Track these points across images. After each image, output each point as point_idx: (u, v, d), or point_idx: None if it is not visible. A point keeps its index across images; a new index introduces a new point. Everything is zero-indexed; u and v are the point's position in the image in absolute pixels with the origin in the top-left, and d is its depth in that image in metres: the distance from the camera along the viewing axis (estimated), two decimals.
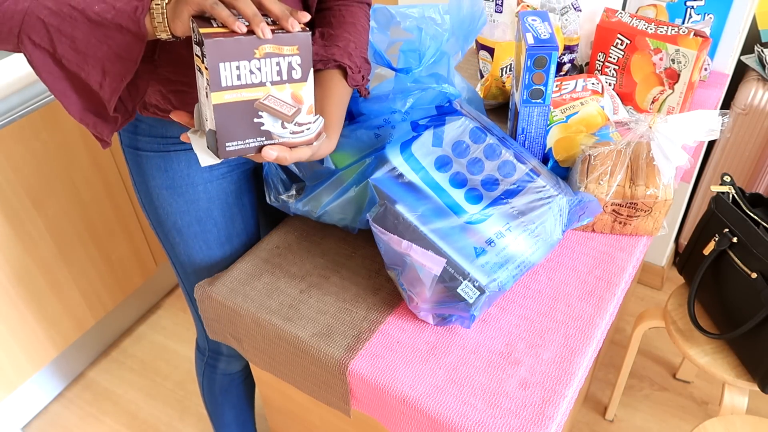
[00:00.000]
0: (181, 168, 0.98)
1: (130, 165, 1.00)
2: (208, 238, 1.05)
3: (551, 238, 0.88)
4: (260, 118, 0.71)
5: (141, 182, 1.00)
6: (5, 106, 1.40)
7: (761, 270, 1.16)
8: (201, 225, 1.03)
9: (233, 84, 0.68)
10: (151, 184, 0.99)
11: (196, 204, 1.01)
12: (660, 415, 1.72)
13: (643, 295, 2.07)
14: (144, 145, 0.96)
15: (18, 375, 1.62)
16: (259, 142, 0.73)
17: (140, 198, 1.03)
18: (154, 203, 1.01)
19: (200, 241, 1.05)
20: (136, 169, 0.99)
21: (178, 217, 1.02)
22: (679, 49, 1.16)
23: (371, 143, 0.95)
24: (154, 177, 0.98)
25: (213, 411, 1.36)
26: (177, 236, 1.04)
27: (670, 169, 0.94)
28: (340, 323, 0.90)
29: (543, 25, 0.98)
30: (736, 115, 1.69)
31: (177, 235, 1.04)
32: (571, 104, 1.08)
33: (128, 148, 0.98)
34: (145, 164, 0.98)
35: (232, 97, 0.69)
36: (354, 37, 0.90)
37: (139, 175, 1.00)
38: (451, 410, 0.79)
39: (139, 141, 0.96)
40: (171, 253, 1.08)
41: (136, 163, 0.99)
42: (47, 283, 1.60)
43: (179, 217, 1.02)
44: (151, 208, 1.02)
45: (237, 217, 1.06)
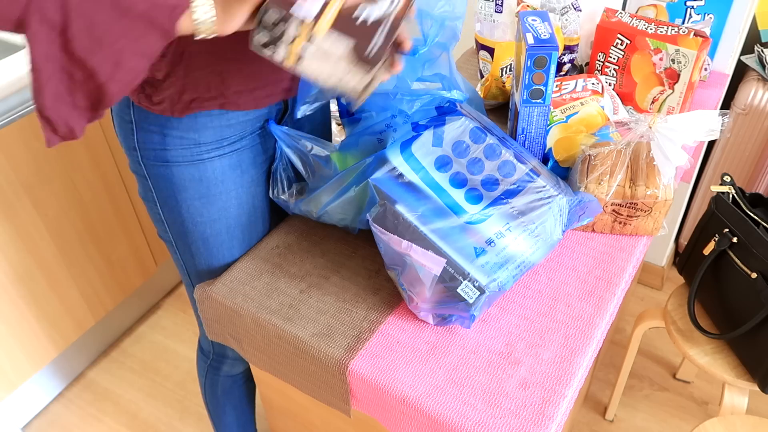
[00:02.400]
0: (216, 176, 0.94)
1: (154, 180, 0.95)
2: (233, 244, 1.02)
3: (551, 238, 0.88)
4: (359, 15, 0.70)
5: (168, 196, 0.95)
6: (5, 106, 1.40)
7: (761, 270, 1.16)
8: (229, 233, 1.01)
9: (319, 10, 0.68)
10: (182, 196, 0.95)
11: (226, 212, 0.98)
12: (660, 415, 1.72)
13: (643, 295, 2.07)
14: (175, 156, 0.91)
15: (18, 375, 1.62)
16: (380, 32, 0.71)
17: (161, 212, 0.99)
18: (182, 215, 0.97)
19: (225, 249, 1.02)
20: (163, 183, 0.94)
21: (207, 227, 0.98)
22: (679, 49, 1.16)
23: (375, 148, 0.95)
24: (186, 188, 0.94)
25: (214, 412, 1.35)
26: (202, 246, 1.01)
27: (670, 169, 0.94)
28: (340, 323, 0.90)
29: (543, 25, 0.98)
30: (736, 115, 1.69)
31: (202, 245, 1.01)
32: (571, 104, 1.08)
33: (153, 163, 0.93)
34: (176, 176, 0.93)
35: (330, 19, 0.68)
36: None
37: (166, 189, 0.95)
38: (451, 410, 0.79)
39: (169, 153, 0.91)
40: (188, 263, 1.05)
41: (163, 177, 0.94)
42: (47, 283, 1.60)
43: (208, 226, 0.98)
44: (176, 220, 0.98)
45: (259, 220, 1.05)
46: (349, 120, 1.03)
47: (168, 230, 1.01)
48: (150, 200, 0.99)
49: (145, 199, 1.00)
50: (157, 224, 1.03)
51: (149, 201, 0.99)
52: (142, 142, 0.91)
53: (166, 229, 1.01)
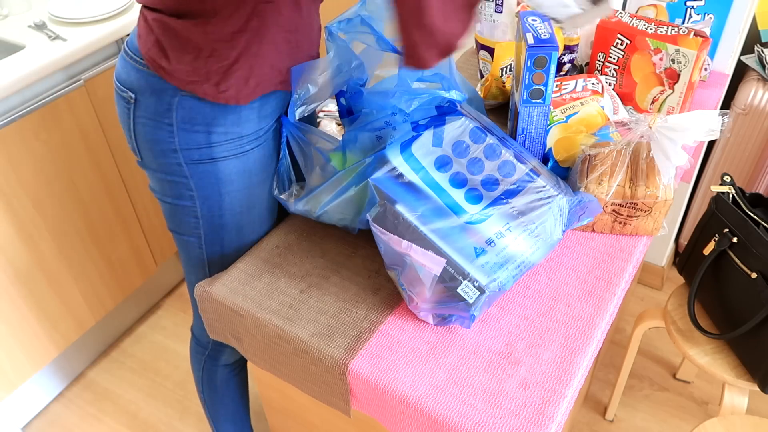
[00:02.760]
0: (257, 165, 0.98)
1: (197, 179, 0.96)
2: (261, 227, 1.06)
3: (551, 238, 0.88)
4: None
5: (212, 191, 0.97)
6: (5, 106, 1.40)
7: (761, 270, 1.16)
8: (260, 217, 1.04)
9: None
10: (227, 189, 0.97)
11: (260, 198, 1.02)
12: (660, 415, 1.72)
13: (643, 295, 2.07)
14: (220, 152, 0.94)
15: (18, 375, 1.62)
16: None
17: (200, 209, 0.99)
18: (222, 208, 0.99)
19: (254, 234, 1.05)
20: (207, 180, 0.96)
21: (243, 216, 1.02)
22: (679, 49, 1.16)
23: (373, 146, 0.95)
24: (232, 182, 0.97)
25: (212, 406, 1.35)
26: (235, 235, 1.03)
27: (671, 169, 0.94)
28: (340, 323, 0.90)
29: (543, 25, 0.98)
30: (736, 115, 1.69)
31: (235, 235, 1.03)
32: (571, 104, 1.08)
33: (197, 161, 0.94)
34: (222, 171, 0.95)
35: None
36: None
37: (211, 185, 0.97)
38: (451, 410, 0.79)
39: (215, 149, 0.93)
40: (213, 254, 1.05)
41: (209, 173, 0.95)
42: (47, 283, 1.60)
43: (245, 215, 1.01)
44: (215, 214, 1.00)
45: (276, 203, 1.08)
46: (350, 120, 1.03)
47: (201, 226, 1.02)
48: (185, 198, 0.99)
49: (178, 198, 0.99)
50: (184, 222, 1.02)
51: (183, 200, 0.99)
52: (184, 143, 0.92)
53: (199, 224, 1.02)
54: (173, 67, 0.87)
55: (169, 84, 0.89)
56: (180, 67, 0.87)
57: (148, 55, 0.89)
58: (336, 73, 0.98)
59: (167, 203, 1.02)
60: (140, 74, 0.91)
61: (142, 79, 0.90)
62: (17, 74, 1.38)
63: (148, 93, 0.91)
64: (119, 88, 0.94)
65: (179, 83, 0.88)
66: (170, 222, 1.05)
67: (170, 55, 0.87)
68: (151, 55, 0.88)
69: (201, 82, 0.88)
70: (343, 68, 0.98)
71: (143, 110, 0.92)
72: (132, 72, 0.92)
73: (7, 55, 1.52)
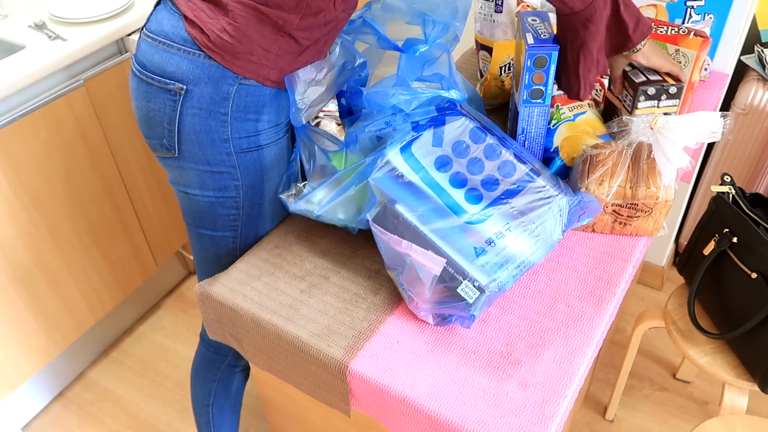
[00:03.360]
0: (288, 151, 1.02)
1: (244, 167, 0.98)
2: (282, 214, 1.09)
3: (551, 238, 0.88)
4: None
5: (257, 179, 1.00)
6: (5, 106, 1.40)
7: (761, 270, 1.16)
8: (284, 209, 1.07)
9: None
10: (268, 176, 1.00)
11: (288, 183, 1.04)
12: (660, 415, 1.72)
13: (643, 295, 2.07)
14: (265, 139, 0.97)
15: (18, 375, 1.62)
16: None
17: (243, 198, 1.01)
18: (264, 195, 1.02)
19: (279, 217, 1.08)
20: (253, 168, 0.98)
21: (277, 202, 1.05)
22: (679, 49, 1.16)
23: (373, 146, 0.95)
24: (273, 167, 1.00)
25: (221, 416, 1.31)
26: (269, 223, 1.06)
27: (671, 171, 0.94)
28: (340, 323, 0.90)
29: (543, 25, 0.98)
30: (736, 115, 1.69)
31: (270, 222, 1.06)
32: (578, 103, 1.08)
33: (246, 150, 0.96)
34: (266, 157, 0.98)
35: None
36: None
37: (256, 172, 0.99)
38: (451, 410, 0.79)
39: (261, 137, 0.96)
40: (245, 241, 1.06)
41: (255, 160, 0.98)
42: (47, 283, 1.60)
43: (276, 201, 1.05)
44: (256, 202, 1.02)
45: None
46: (350, 120, 1.03)
47: (241, 216, 1.03)
48: (230, 189, 0.99)
49: (222, 189, 0.99)
50: (222, 215, 1.02)
51: (228, 191, 0.99)
52: (236, 132, 0.94)
53: (239, 215, 1.03)
54: (248, 50, 0.89)
55: (230, 72, 0.89)
56: (256, 50, 0.89)
57: (213, 42, 0.88)
58: (340, 72, 0.98)
59: (206, 198, 1.00)
60: (194, 64, 0.89)
61: (198, 68, 0.90)
62: (17, 74, 1.38)
63: (203, 82, 0.90)
64: (160, 81, 0.92)
65: (244, 70, 0.90)
66: (201, 219, 1.03)
67: (249, 39, 0.88)
68: (218, 42, 0.88)
69: (270, 67, 0.91)
70: (348, 66, 0.99)
71: (196, 100, 0.91)
72: (183, 62, 0.90)
73: (7, 55, 1.52)
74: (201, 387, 1.28)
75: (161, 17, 0.93)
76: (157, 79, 0.92)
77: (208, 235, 1.05)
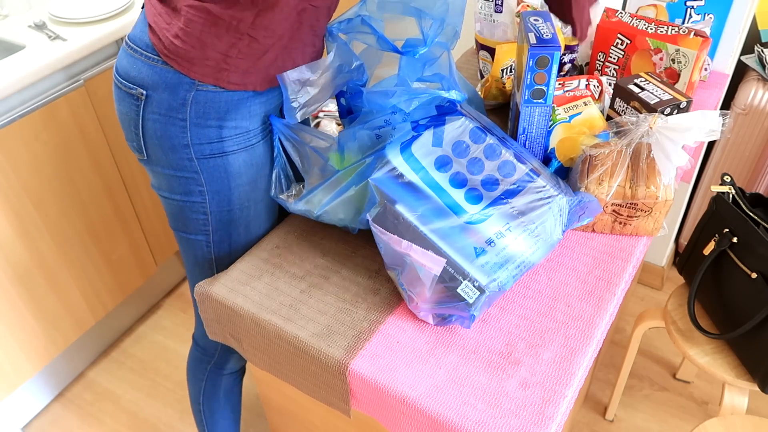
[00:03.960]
0: (262, 159, 0.99)
1: (207, 174, 0.97)
2: (267, 220, 1.07)
3: (551, 238, 0.88)
4: None
5: (222, 185, 0.98)
6: (5, 106, 1.40)
7: (761, 270, 1.16)
8: (267, 211, 1.05)
9: None
10: (236, 182, 0.98)
11: (266, 192, 1.03)
12: (660, 415, 1.72)
13: (643, 295, 2.07)
14: (231, 145, 0.95)
15: (18, 375, 1.62)
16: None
17: (209, 205, 1.00)
18: (232, 203, 1.00)
19: (261, 228, 1.06)
20: (218, 174, 0.97)
21: (251, 210, 1.02)
22: (680, 49, 1.16)
23: (372, 144, 0.95)
24: (240, 175, 0.98)
25: (211, 417, 1.33)
26: (243, 230, 1.04)
27: (671, 170, 0.94)
28: (340, 323, 0.90)
29: (545, 25, 0.98)
30: (736, 115, 1.69)
31: (244, 229, 1.04)
32: (574, 104, 1.08)
33: (208, 156, 0.95)
34: (232, 165, 0.96)
35: None
36: None
37: (221, 179, 0.97)
38: (451, 410, 0.79)
39: (225, 143, 0.94)
40: (221, 251, 1.06)
41: (219, 167, 0.96)
42: (47, 283, 1.60)
43: (252, 209, 1.02)
44: (224, 209, 1.00)
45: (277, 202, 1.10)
46: (350, 119, 1.03)
47: (210, 222, 1.02)
48: (195, 194, 0.99)
49: (187, 194, 0.99)
50: (192, 220, 1.02)
51: (193, 196, 0.99)
52: (196, 137, 0.93)
53: (208, 221, 1.02)
54: (203, 55, 0.87)
55: (186, 78, 0.89)
56: (212, 54, 0.87)
57: (167, 48, 0.88)
58: (336, 74, 0.98)
59: (175, 201, 1.01)
60: (153, 70, 0.90)
61: (156, 74, 0.90)
62: (17, 74, 1.38)
63: (161, 88, 0.90)
64: (125, 85, 0.93)
65: (201, 75, 0.88)
66: (176, 221, 1.04)
67: (203, 44, 0.87)
68: (172, 48, 0.88)
69: (230, 71, 0.89)
70: (344, 69, 0.98)
71: (155, 106, 0.92)
72: (143, 68, 0.91)
73: (7, 55, 1.52)
74: (192, 386, 1.30)
75: (137, 22, 0.95)
76: (123, 83, 0.94)
77: (184, 237, 1.06)
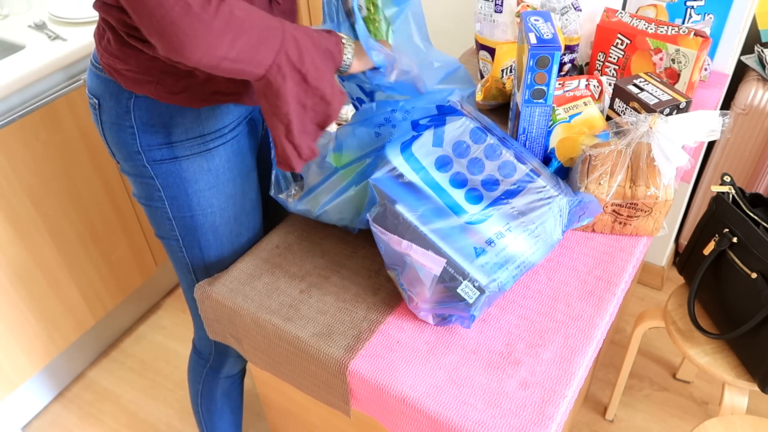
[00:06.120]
0: (222, 163, 0.97)
1: (162, 179, 0.96)
2: (241, 231, 1.05)
3: (551, 239, 0.88)
4: None
5: (179, 191, 0.97)
6: (5, 106, 1.40)
7: (761, 270, 1.16)
8: (237, 219, 1.04)
9: None
10: (193, 188, 0.97)
11: (233, 198, 1.01)
12: (660, 415, 1.72)
13: (643, 295, 2.07)
14: (182, 151, 0.93)
15: (18, 375, 1.62)
16: None
17: (170, 210, 1.00)
18: (193, 209, 0.99)
19: (234, 237, 1.05)
20: (172, 180, 0.96)
21: (217, 216, 1.01)
22: (680, 49, 1.16)
23: (371, 142, 0.95)
24: (196, 180, 0.96)
25: (210, 420, 1.33)
26: (212, 237, 1.03)
27: (671, 170, 0.94)
28: (340, 323, 0.90)
29: (546, 25, 0.98)
30: (736, 115, 1.69)
31: (212, 237, 1.03)
32: (574, 104, 1.08)
33: (160, 161, 0.94)
34: (185, 170, 0.95)
35: None
36: None
37: (177, 185, 0.96)
38: (451, 410, 0.79)
39: (176, 148, 0.93)
40: (195, 259, 1.06)
41: (173, 173, 0.95)
42: (47, 283, 1.60)
43: (218, 216, 1.01)
44: (186, 215, 1.00)
45: (257, 206, 1.08)
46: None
47: (176, 227, 1.02)
48: (156, 200, 0.99)
49: (149, 199, 1.00)
50: (161, 224, 1.03)
51: (155, 201, 0.99)
52: (146, 144, 0.92)
53: (174, 226, 1.02)
54: (127, 67, 0.87)
55: (124, 87, 0.89)
56: (134, 66, 0.86)
57: (103, 59, 0.89)
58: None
59: (145, 206, 1.02)
60: (100, 80, 0.91)
61: (102, 84, 0.91)
62: (17, 74, 1.38)
63: (107, 97, 0.92)
64: (88, 95, 0.96)
65: (132, 85, 0.88)
66: (152, 225, 1.05)
67: (127, 57, 0.86)
68: (105, 59, 0.89)
69: (154, 83, 0.87)
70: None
71: (107, 115, 0.93)
72: (94, 78, 0.93)
73: (7, 55, 1.52)
74: (191, 388, 1.31)
75: None
76: (87, 94, 0.96)
77: (163, 241, 1.07)
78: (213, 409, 1.31)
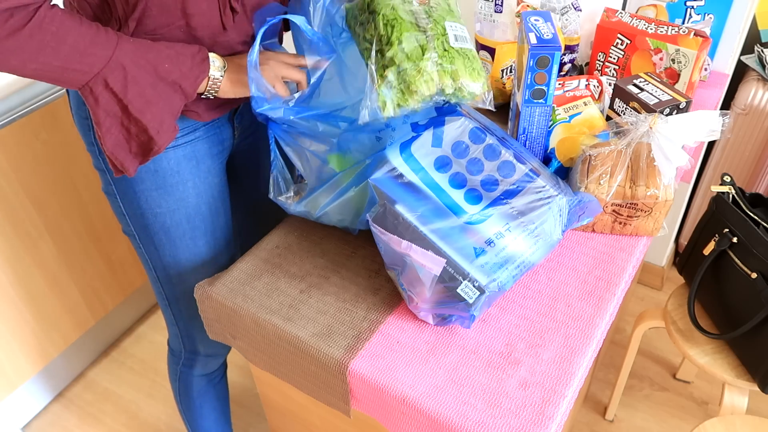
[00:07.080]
0: (171, 166, 0.98)
1: (111, 174, 0.99)
2: (196, 234, 1.05)
3: (551, 239, 0.88)
4: None
5: (127, 188, 0.99)
6: (5, 106, 1.40)
7: (761, 270, 1.16)
8: (190, 222, 1.04)
9: None
10: (140, 188, 0.98)
11: (184, 201, 1.01)
12: (660, 415, 1.72)
13: (643, 295, 2.07)
14: None
15: (18, 375, 1.62)
16: None
17: (122, 205, 1.02)
18: (141, 207, 1.00)
19: (188, 239, 1.05)
20: (120, 177, 0.97)
21: (167, 217, 1.02)
22: (680, 49, 1.16)
23: (372, 146, 0.95)
24: (143, 180, 0.98)
25: (191, 417, 1.33)
26: (164, 237, 1.04)
27: (671, 170, 0.94)
28: (340, 323, 0.90)
29: (546, 25, 0.98)
30: (736, 115, 1.69)
31: (164, 237, 1.04)
32: (574, 104, 1.08)
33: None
34: None
35: None
36: None
37: (123, 181, 0.98)
38: (451, 410, 0.79)
39: None
40: (152, 256, 1.07)
41: None
42: (47, 283, 1.60)
43: (168, 217, 1.02)
44: (136, 212, 1.01)
45: (221, 210, 1.08)
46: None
47: (130, 223, 1.04)
48: (111, 194, 1.02)
49: (107, 193, 1.03)
50: (119, 219, 1.06)
51: (110, 195, 1.02)
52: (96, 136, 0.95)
53: (128, 222, 1.04)
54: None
55: None
56: None
57: None
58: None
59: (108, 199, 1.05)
60: None
61: None
62: None
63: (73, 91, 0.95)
64: None
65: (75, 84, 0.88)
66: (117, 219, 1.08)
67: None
68: None
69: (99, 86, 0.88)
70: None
71: (74, 107, 0.97)
72: None
73: None
74: (171, 385, 1.32)
75: None
76: None
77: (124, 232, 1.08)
78: (192, 407, 1.31)
